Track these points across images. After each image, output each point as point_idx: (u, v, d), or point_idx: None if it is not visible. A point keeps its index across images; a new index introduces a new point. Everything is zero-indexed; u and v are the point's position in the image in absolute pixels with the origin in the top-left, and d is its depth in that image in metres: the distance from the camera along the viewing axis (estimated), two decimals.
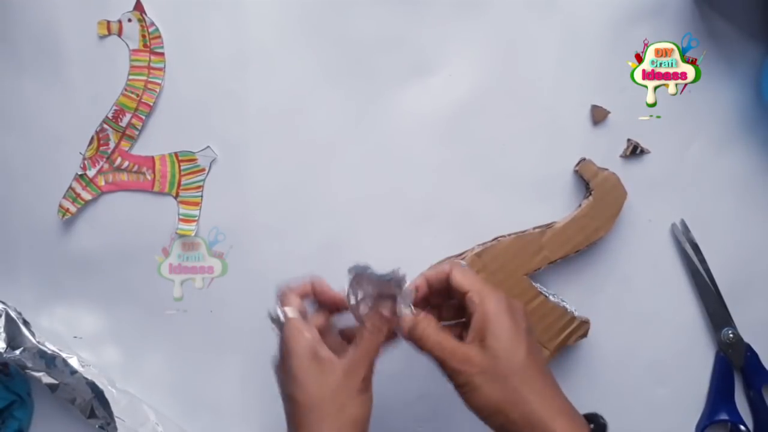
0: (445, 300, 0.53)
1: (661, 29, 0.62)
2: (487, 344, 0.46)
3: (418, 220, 0.63)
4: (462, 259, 0.60)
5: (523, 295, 0.59)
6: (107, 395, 0.62)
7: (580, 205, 0.61)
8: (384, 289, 0.49)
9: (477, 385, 0.46)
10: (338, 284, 0.52)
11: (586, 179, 0.60)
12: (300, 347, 0.48)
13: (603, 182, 0.60)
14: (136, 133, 0.63)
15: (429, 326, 0.49)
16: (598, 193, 0.60)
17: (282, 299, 0.52)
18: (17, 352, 0.61)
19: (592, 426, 0.47)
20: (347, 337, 0.53)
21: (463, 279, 0.50)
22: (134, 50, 0.63)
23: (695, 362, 0.64)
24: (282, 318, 0.50)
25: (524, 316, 0.49)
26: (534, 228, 0.60)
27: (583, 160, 0.61)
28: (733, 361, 0.63)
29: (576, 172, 0.61)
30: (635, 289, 0.63)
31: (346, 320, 0.53)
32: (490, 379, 0.46)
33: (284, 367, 0.49)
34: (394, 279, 0.49)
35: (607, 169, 0.60)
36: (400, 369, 0.63)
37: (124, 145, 0.63)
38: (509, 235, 0.61)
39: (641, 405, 0.64)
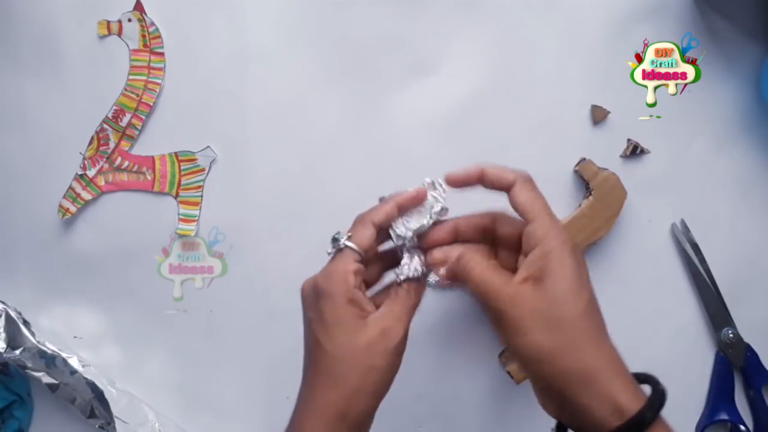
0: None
1: (661, 29, 0.62)
2: (545, 285, 0.41)
3: None
4: None
5: None
6: (107, 395, 0.62)
7: (579, 205, 0.61)
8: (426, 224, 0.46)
9: (527, 328, 0.41)
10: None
11: (586, 179, 0.60)
12: (339, 288, 0.43)
13: (603, 182, 0.60)
14: (136, 133, 0.63)
15: (474, 258, 0.45)
16: (598, 193, 0.60)
17: (355, 225, 0.46)
18: (17, 351, 0.61)
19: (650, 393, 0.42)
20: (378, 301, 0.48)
21: (526, 201, 0.44)
22: (134, 50, 0.63)
23: (695, 362, 0.64)
24: (341, 243, 0.45)
25: (586, 265, 0.43)
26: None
27: (583, 160, 0.61)
28: (733, 361, 0.63)
29: (576, 171, 0.61)
30: (635, 289, 0.63)
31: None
32: (543, 323, 0.41)
33: (316, 305, 0.44)
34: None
35: (607, 169, 0.60)
36: (400, 369, 0.63)
37: (124, 145, 0.63)
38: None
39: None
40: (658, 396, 0.42)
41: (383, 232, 0.47)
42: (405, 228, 0.47)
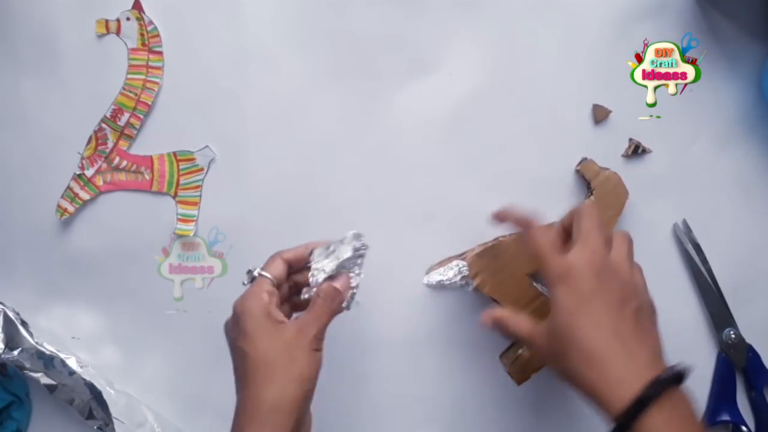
0: None
1: (661, 29, 0.61)
2: (549, 323, 0.49)
3: (418, 220, 0.63)
4: (462, 258, 0.60)
5: (524, 295, 0.59)
6: (105, 396, 0.62)
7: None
8: (345, 264, 0.53)
9: (549, 361, 0.50)
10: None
11: (588, 179, 0.60)
12: (255, 305, 0.49)
13: (604, 182, 0.60)
14: (135, 132, 0.63)
15: (512, 320, 0.52)
16: (599, 193, 0.59)
17: (268, 261, 0.53)
18: (15, 352, 0.61)
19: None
20: (301, 307, 0.54)
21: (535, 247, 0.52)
22: (133, 49, 0.62)
23: (697, 363, 0.62)
24: (255, 273, 0.52)
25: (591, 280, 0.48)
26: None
27: (584, 159, 0.61)
28: (734, 362, 0.62)
29: (577, 171, 0.61)
30: None
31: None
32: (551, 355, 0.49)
33: (236, 324, 0.50)
34: (353, 256, 0.53)
35: (608, 169, 0.60)
36: (398, 371, 0.63)
37: (123, 144, 0.63)
38: (509, 235, 0.60)
39: None
40: (669, 375, 0.45)
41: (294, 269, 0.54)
42: (321, 265, 0.53)
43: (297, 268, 0.54)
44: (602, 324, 0.46)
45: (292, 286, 0.55)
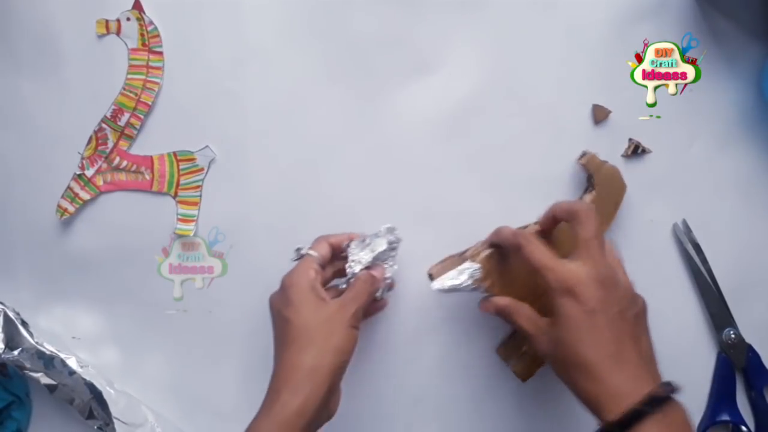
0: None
1: (661, 29, 0.61)
2: (556, 328, 0.50)
3: (418, 220, 0.63)
4: (463, 257, 0.59)
5: (532, 293, 0.57)
6: (106, 396, 0.62)
7: (581, 199, 0.60)
8: (380, 256, 0.57)
9: (549, 360, 0.52)
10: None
11: (591, 172, 0.60)
12: (303, 280, 0.53)
13: (606, 175, 0.60)
14: (135, 132, 0.63)
15: (514, 308, 0.54)
16: (600, 188, 0.59)
17: (315, 242, 0.57)
18: (15, 352, 0.61)
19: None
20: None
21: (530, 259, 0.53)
22: (133, 49, 0.62)
23: (697, 363, 0.63)
24: (303, 251, 0.57)
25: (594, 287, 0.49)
26: (534, 223, 0.59)
27: (585, 152, 0.60)
28: (734, 362, 0.62)
29: (583, 165, 0.60)
30: (637, 289, 0.63)
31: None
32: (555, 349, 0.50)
33: (283, 295, 0.53)
34: (387, 248, 0.57)
35: (607, 162, 0.60)
36: (398, 371, 0.63)
37: (123, 144, 0.63)
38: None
39: None
40: (661, 389, 0.47)
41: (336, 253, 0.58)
42: (358, 257, 0.57)
43: (336, 253, 0.58)
44: (604, 338, 0.48)
45: (335, 271, 0.59)
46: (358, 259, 0.57)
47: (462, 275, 0.57)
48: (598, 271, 0.49)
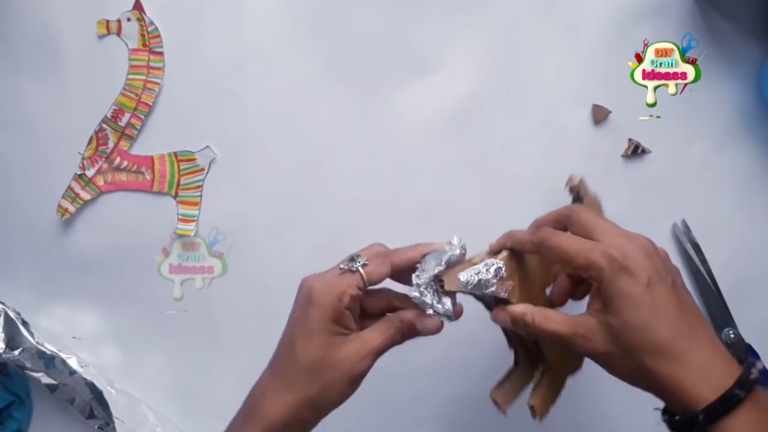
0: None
1: (661, 29, 0.61)
2: (610, 318, 0.43)
3: (418, 220, 0.63)
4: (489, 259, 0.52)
5: (547, 301, 0.54)
6: (106, 396, 0.62)
7: None
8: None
9: (602, 354, 0.44)
10: None
11: (581, 195, 0.57)
12: (333, 303, 0.45)
13: (588, 203, 0.57)
14: (135, 132, 0.63)
15: (538, 315, 0.46)
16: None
17: (375, 257, 0.48)
18: (16, 352, 0.61)
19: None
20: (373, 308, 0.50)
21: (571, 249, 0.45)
22: (133, 49, 0.62)
23: None
24: (355, 267, 0.47)
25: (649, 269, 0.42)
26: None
27: (574, 176, 0.57)
28: None
29: (571, 188, 0.57)
30: None
31: None
32: (618, 353, 0.43)
33: (304, 308, 0.46)
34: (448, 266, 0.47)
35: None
36: (400, 370, 0.63)
37: (123, 144, 0.63)
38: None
39: (642, 405, 0.64)
40: (749, 370, 0.41)
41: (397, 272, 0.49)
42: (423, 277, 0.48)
43: (401, 270, 0.48)
44: (672, 313, 0.42)
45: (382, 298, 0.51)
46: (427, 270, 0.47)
47: (489, 270, 0.49)
48: (630, 240, 0.43)
